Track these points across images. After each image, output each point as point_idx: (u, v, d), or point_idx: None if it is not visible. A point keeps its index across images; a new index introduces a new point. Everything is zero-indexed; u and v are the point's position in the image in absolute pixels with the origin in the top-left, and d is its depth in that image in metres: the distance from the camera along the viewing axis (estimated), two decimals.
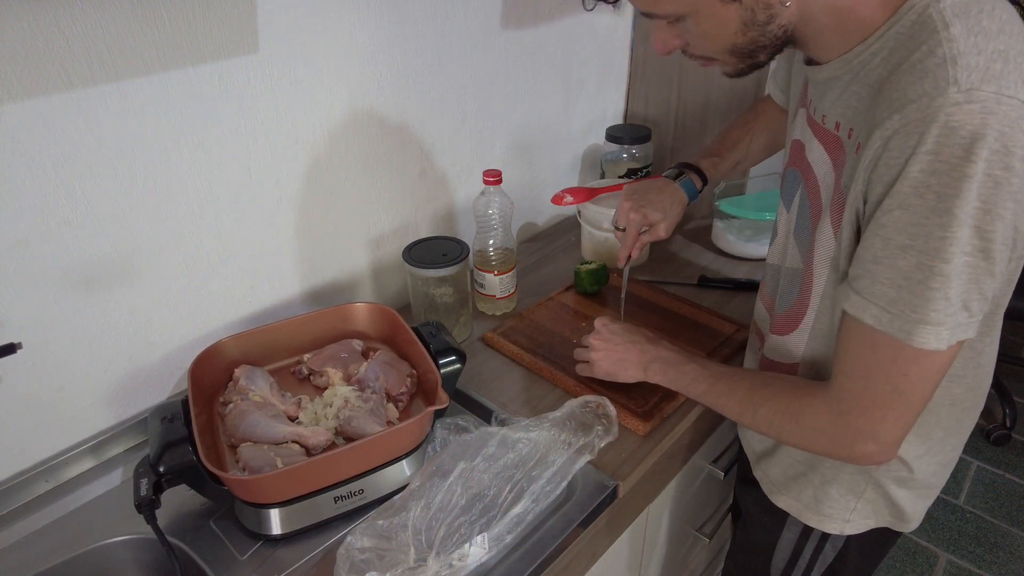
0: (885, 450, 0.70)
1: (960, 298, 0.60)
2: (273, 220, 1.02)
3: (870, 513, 0.86)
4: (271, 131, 0.96)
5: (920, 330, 0.61)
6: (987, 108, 0.55)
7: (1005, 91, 0.55)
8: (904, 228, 0.60)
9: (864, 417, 0.68)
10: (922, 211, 0.58)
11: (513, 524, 0.79)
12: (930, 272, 0.59)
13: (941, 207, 0.57)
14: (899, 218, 0.60)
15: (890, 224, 0.61)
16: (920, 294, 0.60)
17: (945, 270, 0.59)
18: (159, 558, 0.83)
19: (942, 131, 0.56)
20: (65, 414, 0.90)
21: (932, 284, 0.59)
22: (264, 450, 0.83)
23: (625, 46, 1.54)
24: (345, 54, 1.01)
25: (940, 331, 0.61)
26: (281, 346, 1.02)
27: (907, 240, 0.60)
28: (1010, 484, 2.11)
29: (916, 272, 0.60)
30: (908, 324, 0.62)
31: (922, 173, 0.58)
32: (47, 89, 0.75)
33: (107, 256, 0.86)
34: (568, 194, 1.30)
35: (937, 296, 0.60)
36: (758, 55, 0.71)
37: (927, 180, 0.57)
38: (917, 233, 0.59)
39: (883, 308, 0.63)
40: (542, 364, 1.06)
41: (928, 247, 0.59)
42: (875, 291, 0.63)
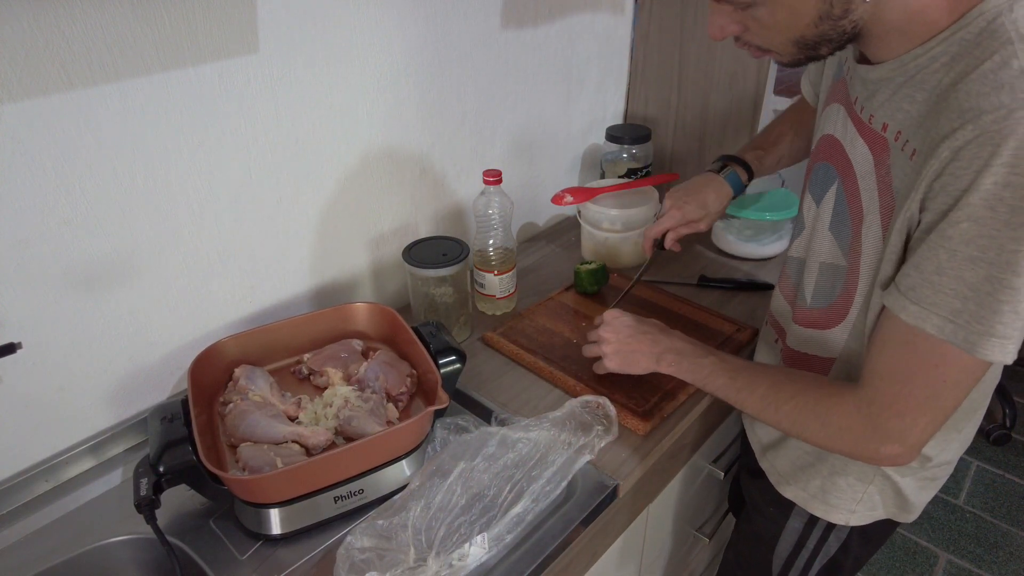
0: (909, 453, 0.70)
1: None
2: (273, 220, 1.02)
3: (877, 504, 0.87)
4: (271, 131, 0.96)
5: (986, 343, 0.61)
6: None
7: None
8: (973, 240, 0.59)
9: (896, 420, 0.69)
10: (994, 224, 0.58)
11: (513, 524, 0.79)
12: (1000, 285, 0.59)
13: (1015, 220, 0.57)
14: (967, 230, 0.59)
15: (957, 236, 0.60)
16: (988, 306, 0.60)
17: (1016, 283, 0.58)
18: (159, 558, 0.83)
19: (1020, 144, 0.56)
20: (65, 414, 0.90)
21: (1001, 297, 0.59)
22: (264, 450, 0.83)
23: (625, 46, 1.54)
24: (345, 54, 1.01)
25: (1007, 344, 0.61)
26: (281, 346, 1.02)
27: (976, 252, 0.59)
28: (1010, 484, 2.11)
29: (985, 284, 0.60)
30: (973, 336, 0.61)
31: (996, 186, 0.57)
32: (47, 89, 0.75)
33: (107, 256, 0.86)
34: (568, 194, 1.30)
35: (1006, 309, 0.59)
36: (821, 48, 0.70)
37: (1001, 193, 0.57)
38: (988, 246, 0.59)
39: (946, 319, 0.62)
40: (542, 364, 1.06)
41: (999, 260, 0.58)
42: (938, 301, 0.63)
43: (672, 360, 0.90)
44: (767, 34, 0.70)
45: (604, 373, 0.98)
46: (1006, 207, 0.57)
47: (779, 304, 0.96)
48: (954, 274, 0.61)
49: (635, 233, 1.31)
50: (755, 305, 1.22)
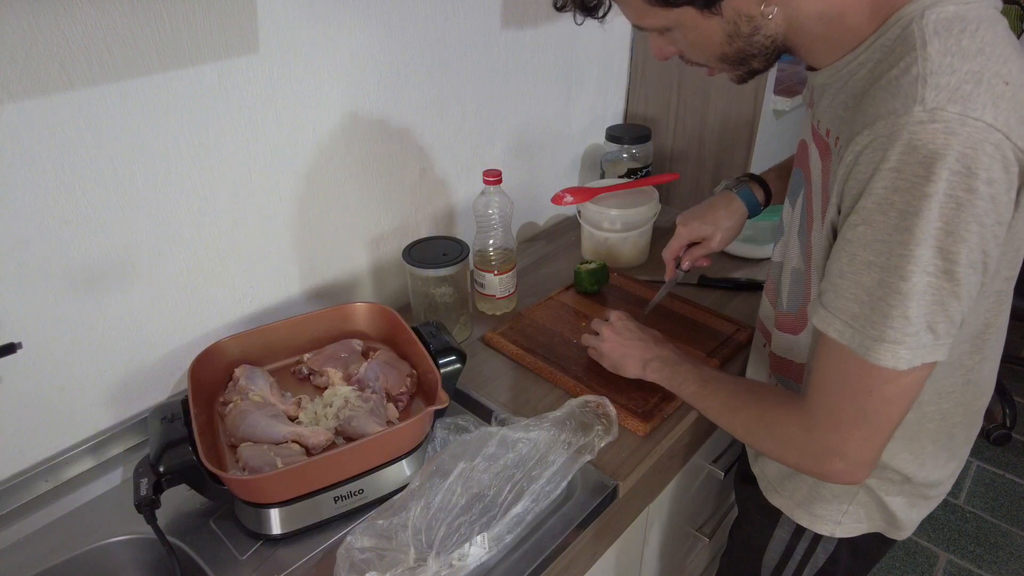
0: (853, 469, 0.69)
1: (924, 319, 0.59)
2: (273, 220, 1.02)
3: (862, 517, 0.86)
4: (271, 131, 0.96)
5: (878, 348, 0.61)
6: (949, 128, 0.55)
7: (970, 113, 0.55)
8: (868, 244, 0.60)
9: (832, 434, 0.68)
10: (885, 228, 0.58)
11: (513, 524, 0.79)
12: (889, 289, 0.59)
13: (902, 225, 0.57)
14: (863, 234, 0.60)
15: (855, 239, 0.61)
16: (880, 311, 0.60)
17: (903, 288, 0.58)
18: (159, 558, 0.83)
19: (905, 149, 0.56)
20: (65, 414, 0.90)
21: (891, 302, 0.59)
22: (264, 450, 0.83)
23: (625, 46, 1.54)
24: (345, 54, 1.01)
25: (898, 350, 0.60)
26: (281, 346, 1.02)
27: (871, 256, 0.60)
28: (1010, 484, 2.11)
29: (877, 289, 0.60)
30: (867, 340, 0.62)
31: (885, 190, 0.58)
32: (47, 89, 0.75)
33: (107, 256, 0.86)
34: (568, 194, 1.30)
35: (895, 314, 0.59)
36: (750, 63, 0.72)
37: (890, 197, 0.58)
38: (880, 250, 0.59)
39: (846, 323, 0.63)
40: (542, 364, 1.06)
41: (889, 264, 0.59)
42: (839, 305, 0.63)
43: (656, 367, 0.93)
44: (695, 53, 0.73)
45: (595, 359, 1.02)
46: (895, 211, 0.58)
47: (765, 308, 0.97)
48: (853, 278, 0.62)
49: (635, 233, 1.31)
50: (755, 305, 1.22)
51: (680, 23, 0.69)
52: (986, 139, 0.55)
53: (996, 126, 0.55)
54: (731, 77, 0.76)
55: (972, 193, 0.56)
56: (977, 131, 0.55)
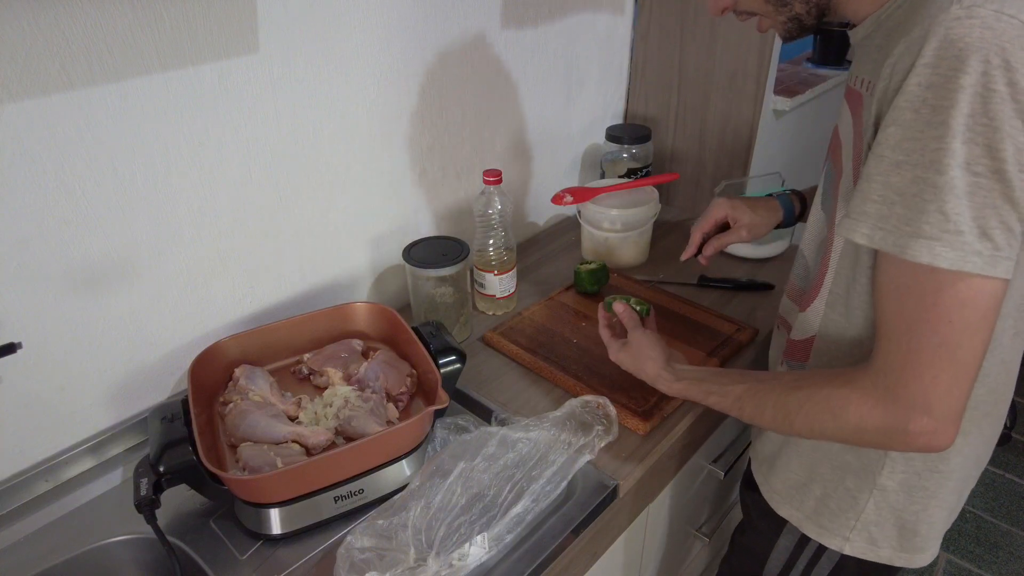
0: (942, 426, 0.63)
1: (973, 221, 0.57)
2: (273, 220, 1.02)
3: (875, 537, 0.82)
4: (271, 131, 0.96)
5: (913, 243, 0.58)
6: (986, 24, 0.55)
7: (1007, 10, 0.55)
8: (898, 144, 0.59)
9: (914, 384, 0.62)
10: (917, 125, 0.57)
11: (513, 524, 0.79)
12: (924, 184, 0.57)
13: (936, 119, 0.56)
14: (893, 134, 0.59)
15: (884, 141, 0.60)
16: (913, 207, 0.58)
17: (939, 182, 0.57)
18: (159, 558, 0.83)
19: (940, 44, 0.56)
20: (65, 414, 0.90)
21: (926, 196, 0.57)
22: (264, 450, 0.83)
23: (625, 46, 1.54)
24: (345, 54, 1.01)
25: (934, 246, 0.57)
26: (281, 346, 1.02)
27: (901, 155, 0.59)
28: (1010, 484, 2.11)
29: (910, 186, 0.58)
30: (902, 238, 0.59)
31: (919, 87, 0.57)
32: (47, 89, 0.75)
33: (107, 256, 0.86)
34: (568, 194, 1.30)
35: (931, 209, 0.57)
36: (792, 4, 0.73)
37: (923, 94, 0.57)
38: (912, 148, 0.58)
39: (874, 225, 0.61)
40: (542, 364, 1.06)
41: (923, 160, 0.57)
42: (866, 209, 0.62)
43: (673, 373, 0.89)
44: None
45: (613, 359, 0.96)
46: (928, 107, 0.57)
47: (784, 303, 0.94)
48: (881, 179, 0.60)
49: (635, 233, 1.32)
50: (755, 305, 1.22)
51: None
52: (1022, 35, 0.55)
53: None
54: (778, 29, 0.77)
55: (1013, 87, 0.54)
56: (1012, 28, 0.55)
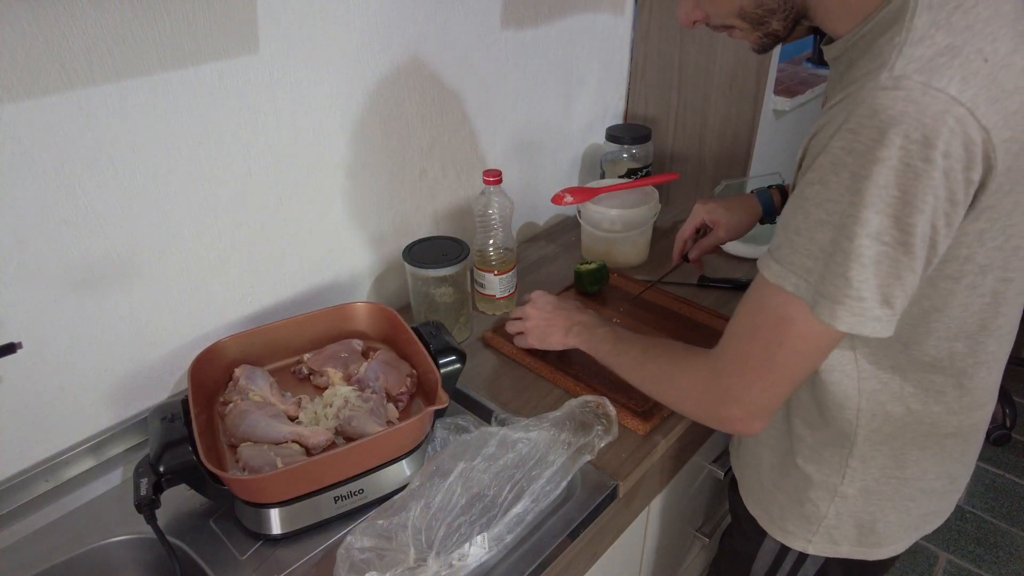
0: (749, 417, 0.71)
1: (878, 288, 0.60)
2: (273, 220, 1.02)
3: (837, 539, 0.84)
4: (271, 131, 0.96)
5: (823, 304, 0.62)
6: (910, 97, 0.55)
7: (934, 83, 0.55)
8: (822, 203, 0.60)
9: (735, 378, 0.70)
10: (838, 188, 0.59)
11: (513, 524, 0.79)
12: (836, 248, 0.60)
13: (854, 187, 0.58)
14: (818, 192, 0.61)
15: (811, 197, 0.61)
16: (830, 268, 0.61)
17: (848, 248, 0.59)
18: (159, 558, 0.83)
19: (864, 112, 0.57)
20: (65, 414, 0.90)
21: (836, 259, 0.60)
22: (264, 450, 0.83)
23: (625, 46, 1.54)
24: (345, 54, 1.01)
25: (836, 309, 0.61)
26: (281, 346, 1.02)
27: (824, 215, 0.60)
28: (1010, 484, 2.11)
29: (829, 246, 0.60)
30: (820, 297, 0.62)
31: (841, 150, 0.58)
32: (47, 89, 0.75)
33: (107, 256, 0.86)
34: (568, 194, 1.30)
35: (838, 272, 0.60)
36: (770, 22, 0.72)
37: (844, 158, 0.58)
38: (832, 210, 0.59)
39: (801, 276, 0.64)
40: (542, 364, 1.06)
41: (841, 223, 0.59)
42: (795, 261, 0.64)
43: (578, 331, 0.96)
44: (716, 9, 0.74)
45: (525, 347, 1.05)
46: (848, 172, 0.58)
47: None
48: (808, 235, 0.62)
49: (635, 233, 1.31)
50: None
51: None
52: (947, 111, 0.54)
53: (960, 100, 0.55)
54: (751, 43, 0.76)
55: (929, 163, 0.55)
56: (937, 102, 0.54)
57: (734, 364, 0.70)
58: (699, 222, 1.13)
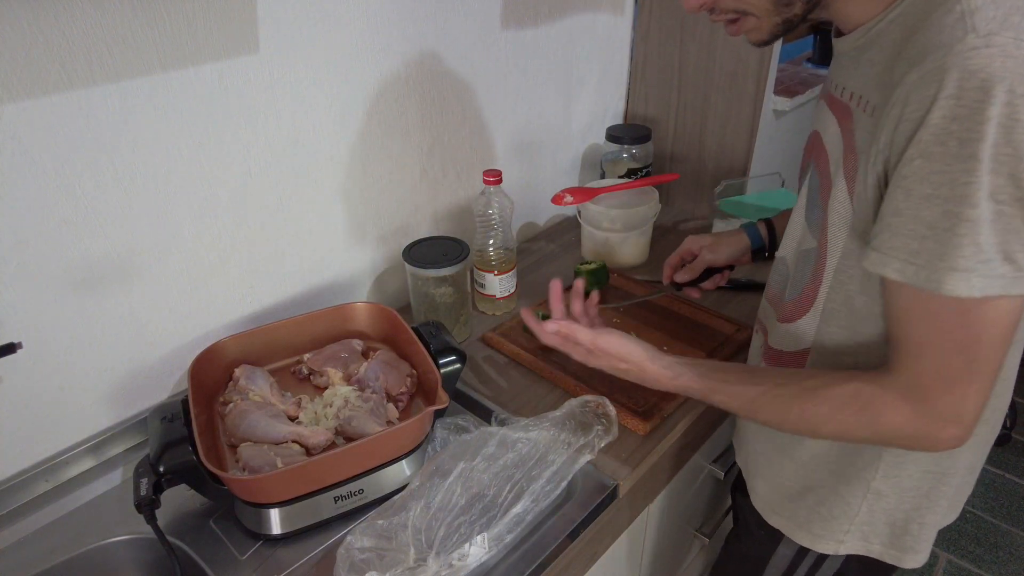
0: (968, 431, 0.66)
1: (998, 248, 0.57)
2: (273, 220, 1.02)
3: (868, 535, 0.83)
4: (271, 131, 0.96)
5: (949, 277, 0.58)
6: (1006, 52, 0.54)
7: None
8: (926, 177, 0.58)
9: (946, 398, 0.64)
10: (944, 158, 0.56)
11: (513, 524, 0.79)
12: (957, 219, 0.57)
13: (964, 152, 0.55)
14: (920, 167, 0.58)
15: (911, 175, 0.59)
16: (947, 241, 0.58)
17: (972, 215, 0.56)
18: (159, 558, 0.83)
19: (961, 75, 0.55)
20: (65, 414, 0.90)
21: (959, 231, 0.57)
22: (264, 450, 0.83)
23: (625, 46, 1.54)
24: (345, 54, 1.01)
25: (971, 278, 0.58)
26: (281, 346, 1.02)
27: (930, 189, 0.58)
28: (1010, 484, 2.11)
29: (942, 220, 0.58)
30: (936, 273, 0.59)
31: (943, 119, 0.56)
32: (47, 89, 0.75)
33: (107, 256, 0.86)
34: (568, 194, 1.30)
35: (965, 243, 0.57)
36: (794, 3, 0.68)
37: (948, 127, 0.56)
38: (940, 181, 0.57)
39: (906, 260, 0.60)
40: (542, 364, 1.06)
41: (953, 194, 0.56)
42: (896, 244, 0.61)
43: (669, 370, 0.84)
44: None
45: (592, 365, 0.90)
46: (955, 140, 0.56)
47: (764, 307, 0.94)
48: (911, 214, 0.60)
49: (635, 233, 1.31)
50: (755, 305, 1.22)
51: None
52: None
53: None
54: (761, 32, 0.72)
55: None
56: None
57: (938, 385, 0.64)
58: (686, 252, 1.13)
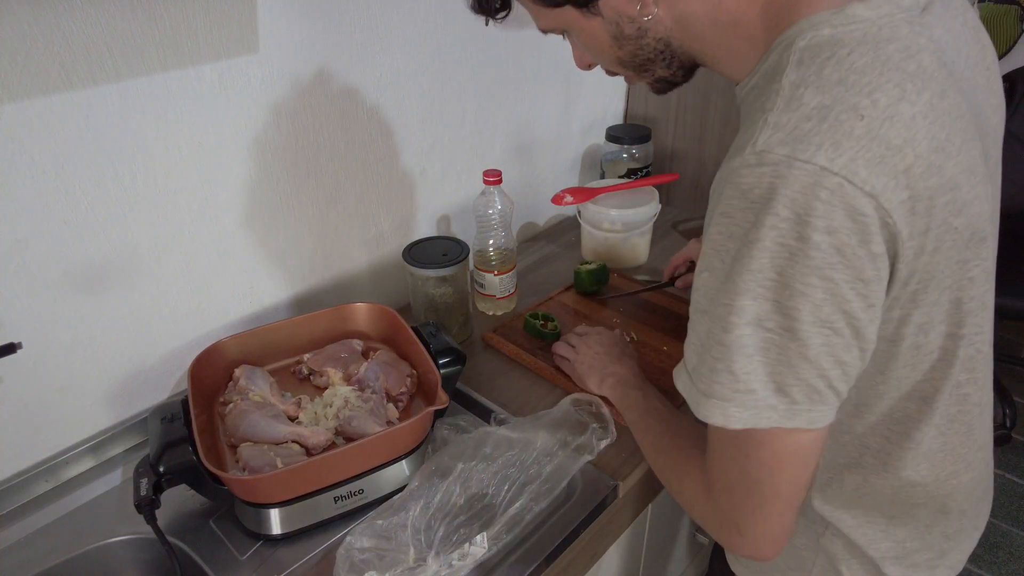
0: (753, 544, 0.62)
1: (769, 379, 0.54)
2: (273, 220, 1.02)
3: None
4: (271, 131, 0.96)
5: (706, 403, 0.57)
6: (777, 172, 0.50)
7: (800, 155, 0.49)
8: (703, 290, 0.56)
9: (730, 508, 0.62)
10: (719, 274, 0.54)
11: (513, 524, 0.79)
12: (713, 341, 0.55)
13: (731, 272, 0.53)
14: (705, 281, 0.56)
15: (698, 286, 0.58)
16: (707, 364, 0.56)
17: (726, 340, 0.54)
18: (159, 558, 0.83)
19: (733, 193, 0.52)
20: (65, 414, 0.90)
21: (715, 354, 0.55)
22: (264, 450, 0.83)
23: None
24: (345, 54, 1.01)
25: (727, 407, 0.55)
26: (281, 346, 1.02)
27: (704, 304, 0.56)
28: (1010, 484, 2.11)
29: (706, 339, 0.56)
30: (698, 395, 0.58)
31: (720, 235, 0.54)
32: (47, 89, 0.75)
33: (107, 256, 0.86)
34: (568, 194, 1.30)
35: (720, 367, 0.55)
36: (654, 68, 0.68)
37: (725, 243, 0.54)
38: (711, 297, 0.55)
39: (688, 374, 0.59)
40: (542, 364, 1.06)
41: (715, 313, 0.54)
42: (687, 355, 0.60)
43: (610, 384, 0.92)
44: (600, 59, 0.71)
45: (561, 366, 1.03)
46: (729, 257, 0.53)
47: None
48: (693, 327, 0.59)
49: (635, 233, 1.31)
50: None
51: (569, 25, 0.67)
52: (818, 183, 0.49)
53: (832, 169, 0.48)
54: (650, 88, 0.73)
55: (805, 243, 0.49)
56: (806, 175, 0.49)
57: (719, 483, 0.62)
58: (690, 256, 1.14)
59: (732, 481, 0.61)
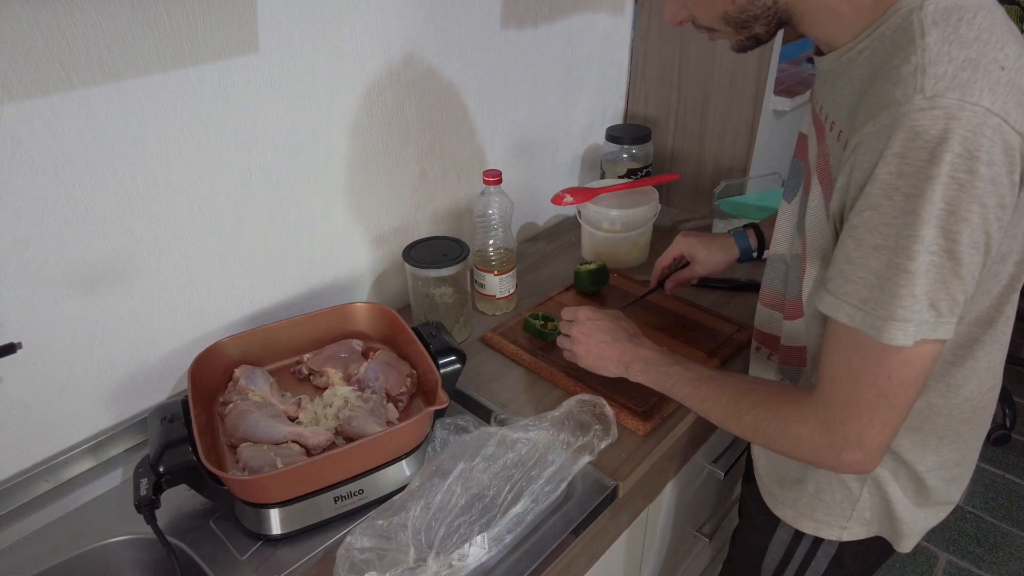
0: (870, 458, 0.69)
1: (927, 296, 0.61)
2: (273, 220, 1.02)
3: (869, 520, 0.86)
4: (271, 131, 0.96)
5: (889, 327, 0.62)
6: (950, 114, 0.57)
7: (968, 98, 0.57)
8: (875, 228, 0.61)
9: (851, 423, 0.68)
10: (891, 212, 0.60)
11: (513, 524, 0.79)
12: (898, 270, 0.61)
13: (908, 207, 0.59)
14: (870, 219, 0.62)
15: (862, 225, 0.62)
16: (890, 291, 0.61)
17: (911, 267, 0.60)
18: (159, 558, 0.83)
19: (908, 135, 0.58)
20: (65, 414, 0.90)
21: (900, 281, 0.61)
22: (264, 450, 0.83)
23: (625, 46, 1.54)
24: (345, 54, 1.01)
25: (907, 327, 0.62)
26: (281, 346, 1.02)
27: (879, 240, 0.61)
28: (1010, 484, 2.11)
29: (886, 271, 0.61)
30: (879, 321, 0.63)
31: (890, 175, 0.59)
32: (47, 89, 0.75)
33: (107, 256, 0.86)
34: (568, 194, 1.30)
35: (904, 293, 0.61)
36: (752, 26, 0.72)
37: (895, 182, 0.59)
38: (888, 233, 0.61)
39: (856, 307, 0.64)
40: (542, 364, 1.06)
41: (897, 246, 0.60)
42: (848, 290, 0.64)
43: (640, 369, 0.90)
44: (700, 12, 0.74)
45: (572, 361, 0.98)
46: (901, 195, 0.59)
47: (762, 316, 0.96)
48: (861, 263, 0.63)
49: (635, 233, 1.31)
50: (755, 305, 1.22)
51: None
52: (985, 122, 0.57)
53: (993, 110, 0.57)
54: (732, 44, 0.76)
55: (973, 175, 0.57)
56: (976, 115, 0.57)
57: (845, 410, 0.68)
58: (678, 253, 1.14)
59: (864, 403, 0.67)
